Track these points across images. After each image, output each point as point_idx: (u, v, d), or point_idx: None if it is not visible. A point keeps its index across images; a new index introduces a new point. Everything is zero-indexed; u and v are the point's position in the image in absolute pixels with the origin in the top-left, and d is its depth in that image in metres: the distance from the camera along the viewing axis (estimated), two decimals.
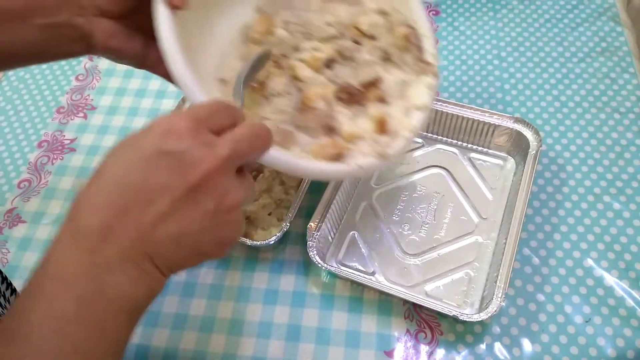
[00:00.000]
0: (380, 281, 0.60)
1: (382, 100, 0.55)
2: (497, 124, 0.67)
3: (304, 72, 0.54)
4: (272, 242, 0.59)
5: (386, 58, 0.56)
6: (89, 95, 0.82)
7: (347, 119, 0.54)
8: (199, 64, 0.49)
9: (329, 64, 0.55)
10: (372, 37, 0.56)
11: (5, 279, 0.53)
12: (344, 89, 0.54)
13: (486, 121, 0.67)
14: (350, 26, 0.57)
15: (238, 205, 0.35)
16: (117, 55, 0.50)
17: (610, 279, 0.60)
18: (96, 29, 0.47)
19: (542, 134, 0.71)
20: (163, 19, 0.44)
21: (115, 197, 0.32)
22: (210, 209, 0.33)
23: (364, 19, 0.56)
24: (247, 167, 0.37)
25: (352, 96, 0.54)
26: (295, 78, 0.54)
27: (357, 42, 0.57)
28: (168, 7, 0.45)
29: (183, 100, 0.74)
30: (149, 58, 0.50)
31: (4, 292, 0.52)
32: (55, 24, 0.46)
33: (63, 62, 0.87)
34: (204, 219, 0.33)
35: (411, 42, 0.55)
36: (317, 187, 0.64)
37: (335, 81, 0.55)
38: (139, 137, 0.33)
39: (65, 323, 0.29)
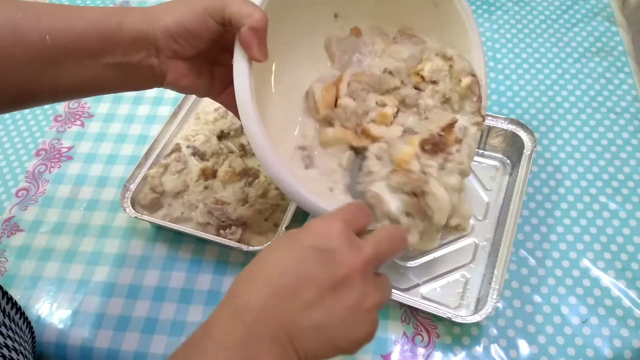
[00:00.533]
0: None
1: (459, 141, 0.56)
2: (492, 125, 0.67)
3: (377, 130, 0.56)
4: None
5: (445, 102, 0.58)
6: (86, 103, 0.83)
7: (435, 180, 0.53)
8: (271, 121, 0.52)
9: (395, 114, 0.57)
10: (433, 82, 0.58)
11: (5, 293, 0.54)
12: (427, 140, 0.54)
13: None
14: (412, 72, 0.58)
15: (377, 306, 0.38)
16: (185, 91, 0.52)
17: (606, 280, 0.60)
18: (170, 69, 0.48)
19: (537, 135, 0.71)
20: (242, 73, 0.45)
21: (272, 281, 0.36)
22: (351, 305, 0.36)
23: (427, 65, 0.57)
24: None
25: (436, 145, 0.54)
26: (370, 137, 0.56)
27: (417, 88, 0.58)
28: (249, 60, 0.46)
29: (179, 107, 0.74)
30: (213, 90, 0.53)
31: (4, 307, 0.52)
32: (129, 63, 0.47)
33: None
34: (345, 313, 0.36)
35: (473, 92, 0.56)
36: None
37: (413, 130, 0.56)
38: (298, 234, 0.38)
39: None
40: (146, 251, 0.66)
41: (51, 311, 0.62)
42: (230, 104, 0.50)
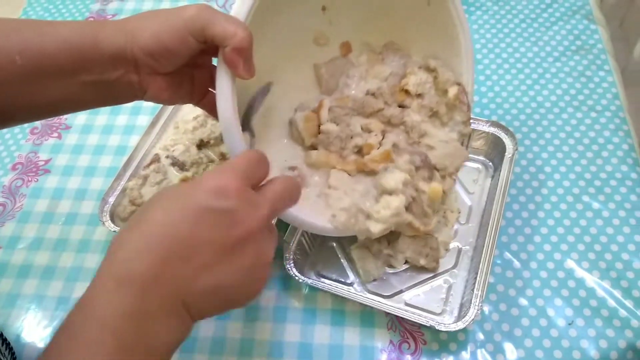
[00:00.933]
0: (359, 292, 0.59)
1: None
2: (473, 127, 0.67)
3: (371, 162, 0.56)
4: None
5: (432, 115, 0.58)
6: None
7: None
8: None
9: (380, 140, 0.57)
10: (418, 96, 0.58)
11: (0, 334, 0.52)
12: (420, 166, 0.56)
13: None
14: (396, 90, 0.58)
15: (270, 261, 0.38)
16: (165, 103, 0.52)
17: (591, 280, 0.60)
18: (150, 85, 0.47)
19: (519, 136, 0.71)
20: (225, 88, 0.44)
21: (161, 245, 0.33)
22: (247, 265, 0.35)
23: (411, 79, 0.57)
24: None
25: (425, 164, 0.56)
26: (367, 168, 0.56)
27: (403, 106, 0.58)
28: (232, 76, 0.44)
29: (157, 117, 0.73)
30: (195, 96, 0.52)
31: None
32: (107, 80, 0.46)
33: None
34: (239, 274, 0.35)
35: (462, 102, 0.57)
36: None
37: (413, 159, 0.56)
38: (189, 190, 0.35)
39: None
40: None
41: (30, 330, 0.61)
42: (213, 110, 0.47)
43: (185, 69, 0.49)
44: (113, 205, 0.65)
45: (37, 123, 0.80)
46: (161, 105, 0.74)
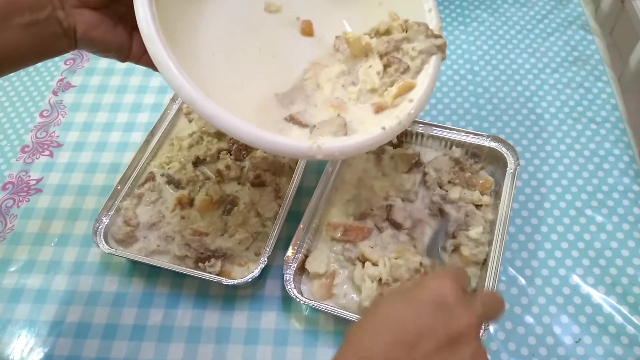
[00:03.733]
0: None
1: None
2: (474, 143, 0.66)
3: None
4: (250, 280, 0.57)
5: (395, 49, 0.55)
6: (54, 132, 0.79)
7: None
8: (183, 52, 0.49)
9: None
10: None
11: None
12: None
13: (462, 140, 0.66)
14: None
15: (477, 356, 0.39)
16: (100, 48, 0.49)
17: (597, 296, 0.59)
18: (78, 21, 0.47)
19: (519, 148, 0.70)
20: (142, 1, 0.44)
21: (393, 330, 0.37)
22: (465, 359, 0.37)
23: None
24: None
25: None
26: None
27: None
28: None
29: (152, 134, 0.71)
30: (133, 50, 0.50)
31: None
32: (37, 21, 0.45)
33: (26, 98, 0.85)
34: None
35: (411, 25, 0.54)
36: (295, 217, 0.62)
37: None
38: (414, 289, 0.40)
39: None
40: (122, 287, 0.63)
41: (22, 356, 0.59)
42: (152, 63, 0.48)
43: (118, 17, 0.48)
44: (107, 225, 0.63)
45: (28, 141, 0.78)
46: (155, 121, 0.72)
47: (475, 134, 0.66)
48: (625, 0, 1.52)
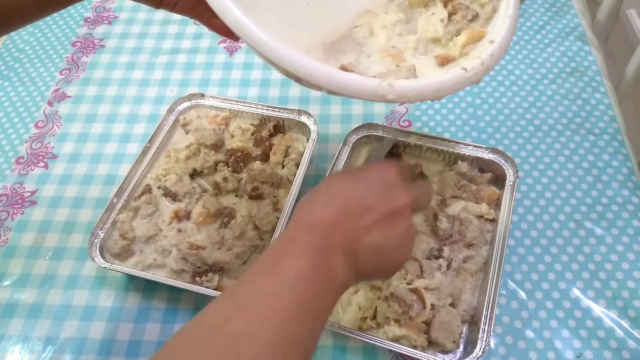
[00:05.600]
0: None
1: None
2: (473, 155, 0.65)
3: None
4: None
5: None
6: (49, 143, 0.79)
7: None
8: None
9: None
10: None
11: None
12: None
13: (461, 153, 0.66)
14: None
15: (414, 236, 0.46)
16: None
17: (598, 310, 0.59)
18: None
19: (518, 160, 0.70)
20: None
21: (342, 203, 0.41)
22: (401, 232, 0.43)
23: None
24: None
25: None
26: None
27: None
28: None
29: (148, 145, 0.71)
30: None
31: None
32: None
33: (21, 109, 0.84)
34: (395, 239, 0.43)
35: None
36: None
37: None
38: (363, 171, 0.47)
39: (306, 278, 0.37)
40: (117, 302, 0.62)
41: None
42: (191, 10, 0.48)
43: None
44: (103, 239, 0.63)
45: (23, 152, 0.78)
46: (152, 132, 0.72)
47: (475, 146, 0.66)
48: (620, 9, 1.53)
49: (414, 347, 0.54)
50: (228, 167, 0.69)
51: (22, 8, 0.47)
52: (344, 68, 0.45)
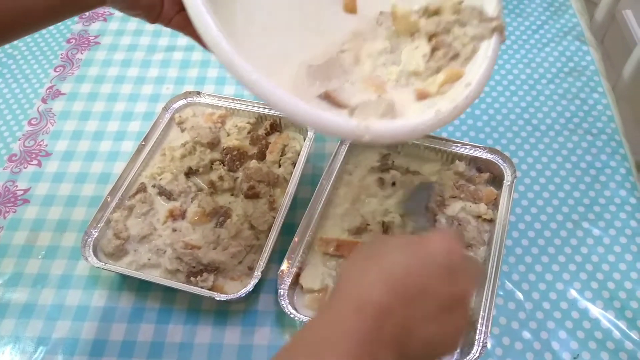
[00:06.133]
0: None
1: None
2: (471, 155, 0.65)
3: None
4: (243, 295, 0.55)
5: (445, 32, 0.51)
6: (42, 140, 0.78)
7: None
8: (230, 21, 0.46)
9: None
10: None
11: None
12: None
13: (459, 152, 0.65)
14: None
15: (467, 327, 0.41)
16: (129, 4, 0.48)
17: (595, 311, 0.58)
18: None
19: (515, 160, 0.70)
20: None
21: (398, 283, 0.35)
22: (459, 326, 0.38)
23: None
24: None
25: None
26: None
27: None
28: None
29: (143, 143, 0.70)
30: (165, 9, 0.49)
31: None
32: None
33: (15, 106, 0.83)
34: (452, 333, 0.37)
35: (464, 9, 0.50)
36: (289, 229, 0.61)
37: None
38: (424, 241, 0.38)
39: None
40: (111, 302, 0.61)
41: None
42: (185, 27, 0.47)
43: None
44: (97, 238, 0.62)
45: (16, 149, 0.77)
46: (147, 131, 0.71)
47: (472, 146, 0.65)
48: (616, 10, 1.54)
49: None
50: (224, 165, 0.68)
51: (30, 15, 0.46)
52: (327, 94, 0.47)
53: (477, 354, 0.51)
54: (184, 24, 0.48)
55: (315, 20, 0.53)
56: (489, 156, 0.64)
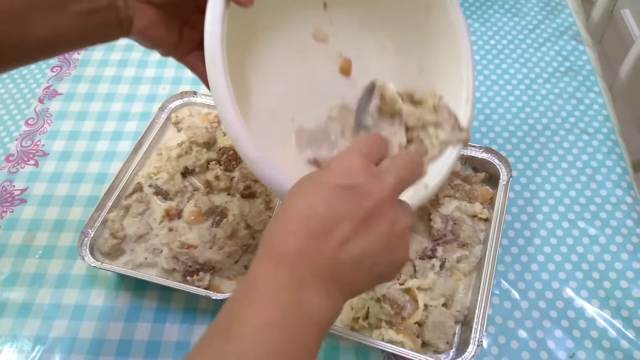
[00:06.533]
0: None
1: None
2: (466, 154, 0.65)
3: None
4: None
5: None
6: (40, 140, 0.78)
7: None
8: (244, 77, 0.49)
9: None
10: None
11: None
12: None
13: None
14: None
15: (407, 228, 0.39)
16: (152, 44, 0.49)
17: (591, 310, 0.58)
18: (138, 15, 0.46)
19: (511, 160, 0.70)
20: (217, 10, 0.42)
21: (305, 225, 0.36)
22: (384, 233, 0.37)
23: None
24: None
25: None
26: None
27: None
28: (225, 3, 0.42)
29: (139, 143, 0.70)
30: (180, 49, 0.50)
31: None
32: (96, 9, 0.45)
33: (12, 106, 0.83)
34: (380, 241, 0.37)
35: (442, 111, 0.53)
36: None
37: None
38: (319, 175, 0.38)
39: (272, 327, 0.33)
40: (108, 301, 0.62)
41: None
42: (196, 66, 0.48)
43: (175, 15, 0.48)
44: (93, 237, 0.62)
45: (13, 149, 0.77)
46: (144, 131, 0.71)
47: (468, 145, 0.65)
48: (614, 9, 1.54)
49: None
50: (220, 165, 0.68)
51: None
52: (315, 161, 0.52)
53: (472, 353, 0.51)
54: (194, 63, 0.50)
55: (314, 80, 0.56)
56: (484, 155, 0.65)
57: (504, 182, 0.62)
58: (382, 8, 0.57)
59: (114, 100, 0.82)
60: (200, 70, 0.46)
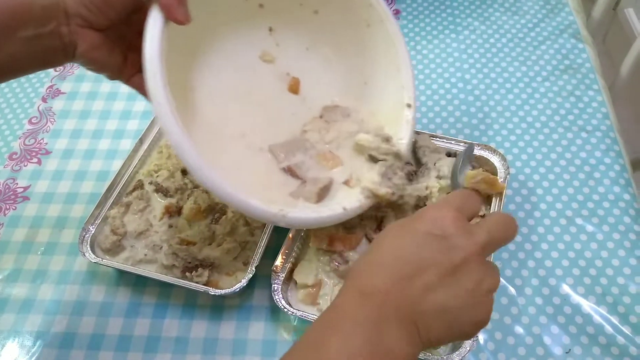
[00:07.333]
0: None
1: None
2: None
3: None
4: (238, 290, 0.56)
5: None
6: (43, 139, 0.79)
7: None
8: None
9: None
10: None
11: None
12: None
13: (454, 149, 0.66)
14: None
15: (492, 290, 0.39)
16: (97, 67, 0.50)
17: (587, 306, 0.59)
18: (81, 39, 0.47)
19: (510, 157, 0.70)
20: (155, 33, 0.44)
21: (393, 265, 0.38)
22: (470, 289, 0.37)
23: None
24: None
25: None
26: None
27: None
28: (166, 20, 0.45)
29: (140, 141, 0.71)
30: (125, 72, 0.51)
31: None
32: (41, 35, 0.45)
33: (15, 105, 0.84)
34: (464, 296, 0.37)
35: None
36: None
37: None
38: (412, 222, 0.40)
39: (355, 356, 0.34)
40: (108, 297, 0.62)
41: None
42: (142, 87, 0.48)
43: (118, 39, 0.49)
44: (94, 234, 0.63)
45: (16, 148, 0.78)
46: (145, 129, 0.72)
47: (466, 142, 0.66)
48: (618, 8, 1.54)
49: None
50: None
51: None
52: (289, 168, 0.57)
53: (468, 348, 0.52)
54: (140, 84, 0.50)
55: (265, 98, 0.61)
56: (482, 153, 0.65)
57: (502, 179, 0.62)
58: (325, 28, 0.61)
59: (116, 99, 0.83)
60: (144, 91, 0.47)
